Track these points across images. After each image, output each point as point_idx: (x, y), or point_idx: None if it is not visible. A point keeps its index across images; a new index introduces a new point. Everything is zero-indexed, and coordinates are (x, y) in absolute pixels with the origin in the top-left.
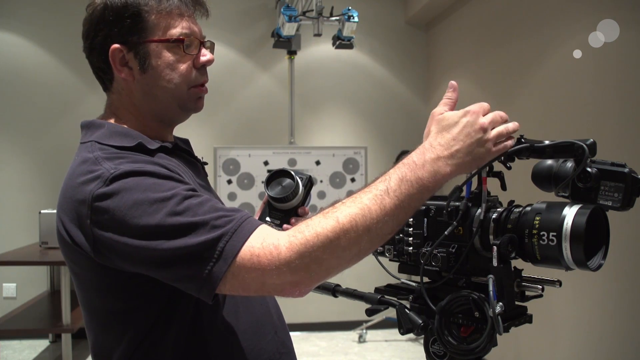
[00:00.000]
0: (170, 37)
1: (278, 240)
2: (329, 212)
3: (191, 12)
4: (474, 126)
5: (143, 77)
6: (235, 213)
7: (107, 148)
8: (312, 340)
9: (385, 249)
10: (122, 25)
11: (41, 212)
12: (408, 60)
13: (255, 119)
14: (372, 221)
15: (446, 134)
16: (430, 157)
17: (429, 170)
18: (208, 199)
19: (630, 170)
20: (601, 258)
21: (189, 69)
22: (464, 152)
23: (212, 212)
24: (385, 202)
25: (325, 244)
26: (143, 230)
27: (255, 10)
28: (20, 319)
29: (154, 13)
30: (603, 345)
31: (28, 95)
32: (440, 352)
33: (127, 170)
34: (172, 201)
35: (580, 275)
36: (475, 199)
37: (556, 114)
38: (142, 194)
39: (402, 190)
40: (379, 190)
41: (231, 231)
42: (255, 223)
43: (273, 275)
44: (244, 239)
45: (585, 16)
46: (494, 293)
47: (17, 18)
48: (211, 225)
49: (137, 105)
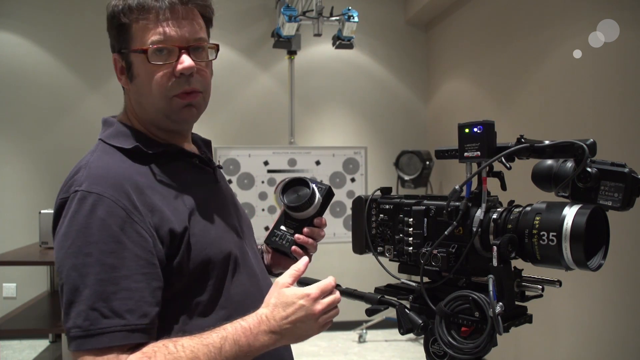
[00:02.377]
0: (142, 46)
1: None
2: (170, 350)
3: (173, 15)
4: (308, 312)
5: (132, 87)
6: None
7: (109, 150)
8: (312, 340)
9: (386, 249)
10: (113, 35)
11: (41, 212)
12: (408, 60)
13: (255, 119)
14: None
15: (282, 311)
16: (264, 329)
17: (258, 341)
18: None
19: (630, 170)
20: (601, 258)
21: (165, 79)
22: (292, 334)
23: (97, 298)
24: (217, 357)
25: None
26: (58, 262)
27: (255, 10)
28: (20, 319)
29: (134, 22)
30: (603, 345)
31: (28, 95)
32: (440, 352)
33: (84, 197)
34: (82, 258)
35: (580, 275)
36: (475, 199)
37: (556, 114)
38: (74, 231)
39: (233, 352)
40: (214, 349)
41: (90, 332)
42: (115, 340)
43: None
44: (93, 346)
45: (585, 16)
46: (494, 293)
47: (17, 18)
48: (82, 310)
49: (136, 112)
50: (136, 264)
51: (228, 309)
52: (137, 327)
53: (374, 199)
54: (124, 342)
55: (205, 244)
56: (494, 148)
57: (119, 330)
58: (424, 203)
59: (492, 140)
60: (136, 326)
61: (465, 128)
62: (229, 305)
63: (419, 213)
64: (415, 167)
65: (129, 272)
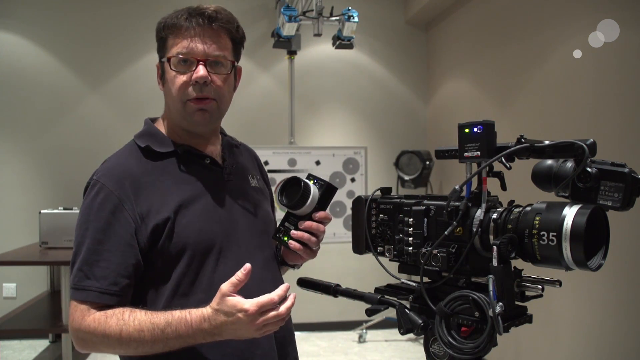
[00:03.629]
0: (170, 55)
1: (87, 316)
2: (124, 319)
3: (198, 32)
4: (245, 325)
5: (164, 90)
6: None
7: (132, 147)
8: (312, 340)
9: (386, 249)
10: (158, 45)
11: (41, 212)
12: (408, 60)
13: (255, 119)
14: (141, 346)
15: (222, 318)
16: (205, 327)
17: (197, 335)
18: (97, 250)
19: (630, 170)
20: (601, 258)
21: (183, 84)
22: (231, 334)
23: (83, 262)
24: (157, 340)
25: (103, 342)
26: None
27: (255, 10)
28: (20, 319)
29: (170, 37)
30: (603, 345)
31: (28, 95)
32: (440, 352)
33: (95, 183)
34: (82, 231)
35: (580, 275)
36: (475, 199)
37: (556, 114)
38: (83, 208)
39: (172, 338)
40: (158, 329)
41: (76, 286)
42: (89, 296)
43: (70, 327)
44: (75, 298)
45: (585, 16)
46: (494, 293)
47: (17, 18)
48: (76, 268)
49: (168, 114)
50: (117, 242)
51: (207, 294)
52: (107, 291)
53: (374, 199)
54: (96, 300)
55: (189, 233)
56: (494, 148)
57: (94, 290)
58: (424, 203)
59: (492, 140)
60: (107, 290)
61: (465, 128)
62: (210, 291)
63: (419, 213)
64: (415, 167)
65: (111, 247)
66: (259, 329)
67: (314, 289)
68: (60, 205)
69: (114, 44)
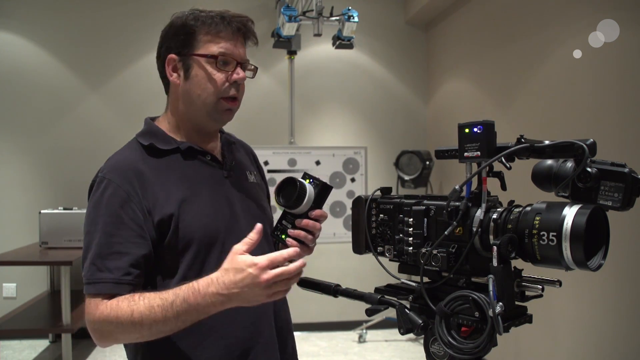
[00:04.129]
0: (209, 52)
1: (101, 306)
2: (134, 300)
3: (235, 37)
4: (255, 280)
5: (185, 84)
6: (102, 272)
7: (135, 145)
8: (312, 340)
9: (386, 249)
10: (178, 39)
11: (41, 212)
12: (408, 60)
13: (255, 119)
14: (154, 323)
15: (231, 276)
16: (212, 291)
17: (206, 301)
18: (108, 242)
19: (630, 170)
20: (601, 258)
21: (221, 82)
22: (240, 297)
23: (96, 256)
24: (168, 313)
25: (117, 327)
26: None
27: (255, 10)
28: (20, 319)
29: (203, 33)
30: (603, 345)
31: (28, 95)
32: (440, 352)
33: (101, 180)
34: (92, 225)
35: (580, 275)
36: (475, 199)
37: (556, 114)
38: (91, 205)
39: (182, 308)
40: (167, 302)
41: (89, 280)
42: (103, 289)
43: (86, 323)
44: (90, 292)
45: (585, 16)
46: (494, 293)
47: (17, 18)
48: (88, 264)
49: (179, 108)
50: (128, 234)
51: None
52: (120, 281)
53: (374, 199)
54: (110, 291)
55: (194, 228)
56: (494, 148)
57: (108, 282)
58: (424, 203)
59: (492, 140)
60: (120, 280)
61: (465, 128)
62: None
63: (419, 213)
64: (415, 167)
65: (122, 239)
66: (268, 287)
67: (314, 289)
68: (60, 205)
69: (114, 44)
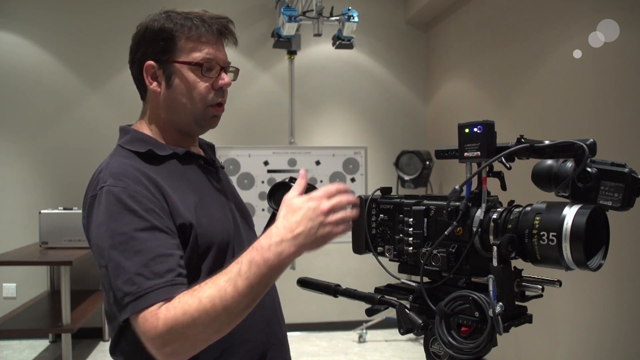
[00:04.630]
0: (192, 60)
1: (160, 313)
2: (196, 290)
3: (217, 41)
4: (316, 211)
5: (167, 92)
6: (153, 279)
7: (126, 153)
8: (312, 340)
9: (386, 249)
10: (157, 45)
11: (41, 212)
12: (408, 60)
13: (255, 119)
14: (228, 301)
15: (291, 218)
16: (275, 240)
17: (274, 252)
18: (149, 248)
19: (630, 170)
20: (601, 258)
21: (207, 90)
22: (306, 234)
23: (139, 266)
24: (238, 283)
25: (191, 323)
26: (97, 247)
27: (255, 10)
28: (20, 319)
29: (183, 38)
30: (603, 345)
31: (28, 95)
32: (440, 352)
33: (109, 189)
34: (119, 237)
35: (580, 275)
36: (475, 199)
37: (556, 114)
38: (106, 218)
39: (252, 272)
40: (233, 273)
41: (138, 294)
42: (162, 295)
43: (149, 342)
44: (144, 305)
45: (585, 16)
46: (494, 293)
47: (17, 18)
48: (128, 278)
49: (161, 115)
50: (163, 236)
51: None
52: (175, 282)
53: (374, 199)
54: (167, 296)
55: (212, 233)
56: (494, 148)
57: (162, 287)
58: (424, 203)
59: (492, 140)
60: (174, 281)
61: (465, 128)
62: None
63: (419, 213)
64: (415, 167)
65: (159, 242)
66: (328, 217)
67: (314, 289)
68: (60, 205)
69: (114, 44)
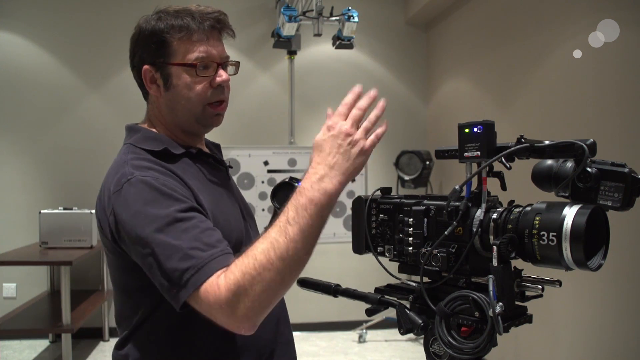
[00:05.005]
0: (187, 61)
1: (220, 281)
2: (249, 250)
3: (210, 37)
4: (340, 135)
5: (167, 95)
6: (208, 249)
7: (139, 152)
8: (312, 340)
9: (386, 249)
10: (150, 49)
11: (41, 212)
12: (408, 60)
13: (255, 119)
14: (283, 250)
15: (321, 153)
16: (315, 178)
17: (317, 189)
18: (195, 224)
19: (630, 170)
20: (601, 258)
21: (204, 89)
22: (342, 161)
23: (191, 240)
24: (289, 230)
25: (252, 281)
26: (137, 237)
27: (255, 10)
28: (20, 319)
29: (175, 40)
30: (603, 345)
31: (28, 95)
32: (440, 352)
33: (140, 179)
34: (162, 220)
35: (580, 275)
36: (475, 199)
37: (556, 114)
38: (142, 206)
39: (301, 215)
40: (281, 222)
41: (198, 266)
42: (221, 263)
43: (218, 312)
44: (206, 276)
45: (585, 16)
46: (494, 293)
47: (17, 18)
48: (184, 254)
49: (164, 117)
50: (202, 216)
51: None
52: (228, 251)
53: (374, 199)
54: (224, 264)
55: (228, 232)
56: (494, 148)
57: (219, 255)
58: (424, 203)
59: (492, 140)
60: (227, 250)
61: (465, 128)
62: None
63: (419, 213)
64: (415, 167)
65: (202, 219)
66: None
67: (314, 289)
68: (60, 205)
69: (114, 44)
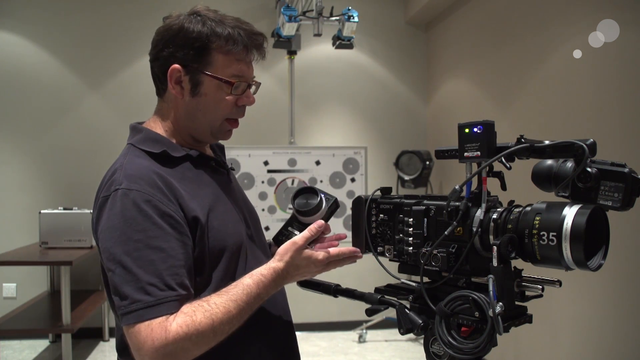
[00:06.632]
0: (224, 76)
1: (167, 327)
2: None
3: (249, 56)
4: (317, 266)
5: (191, 100)
6: (165, 290)
7: (139, 152)
8: (312, 340)
9: (386, 249)
10: (188, 51)
11: (41, 212)
12: (408, 60)
13: (255, 119)
14: (231, 324)
15: (294, 271)
16: (280, 283)
17: (273, 288)
18: (163, 259)
19: (630, 170)
20: (601, 258)
21: (230, 105)
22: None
23: (152, 275)
24: (242, 309)
25: (197, 342)
26: (106, 251)
27: (255, 10)
28: (20, 319)
29: (218, 50)
30: (603, 345)
31: (28, 95)
32: (440, 352)
33: (125, 192)
34: (133, 244)
35: (580, 275)
36: (475, 199)
37: (556, 114)
38: (120, 222)
39: (252, 303)
40: (243, 302)
41: (150, 303)
42: (171, 308)
43: (152, 352)
44: (154, 315)
45: (585, 16)
46: (494, 293)
47: (17, 18)
48: (141, 287)
49: (178, 118)
50: (176, 245)
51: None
52: (184, 296)
53: (374, 199)
54: (175, 309)
55: (224, 236)
56: (494, 148)
57: (173, 300)
58: (424, 203)
59: (492, 140)
60: (183, 295)
61: (465, 128)
62: None
63: (419, 213)
64: (415, 167)
65: (173, 252)
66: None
67: (314, 289)
68: (60, 205)
69: (114, 44)
